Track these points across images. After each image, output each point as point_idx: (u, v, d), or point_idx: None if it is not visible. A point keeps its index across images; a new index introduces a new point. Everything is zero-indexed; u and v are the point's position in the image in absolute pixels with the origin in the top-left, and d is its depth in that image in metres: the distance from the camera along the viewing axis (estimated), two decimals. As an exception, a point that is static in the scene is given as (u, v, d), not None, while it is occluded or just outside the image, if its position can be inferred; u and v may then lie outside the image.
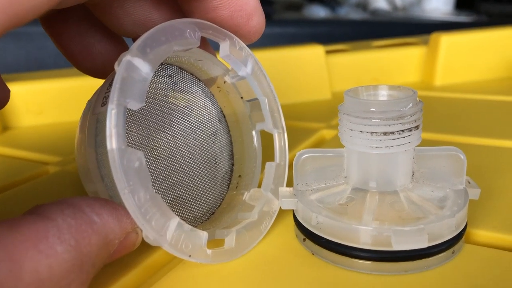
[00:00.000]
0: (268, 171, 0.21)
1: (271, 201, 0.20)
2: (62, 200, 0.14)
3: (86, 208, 0.14)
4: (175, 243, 0.16)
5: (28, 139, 0.38)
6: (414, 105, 0.18)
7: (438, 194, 0.19)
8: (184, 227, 0.16)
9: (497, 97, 0.39)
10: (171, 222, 0.16)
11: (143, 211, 0.15)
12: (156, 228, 0.15)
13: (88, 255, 0.14)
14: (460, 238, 0.18)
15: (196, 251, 0.17)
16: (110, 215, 0.15)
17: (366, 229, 0.17)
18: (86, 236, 0.14)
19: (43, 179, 0.28)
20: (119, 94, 0.15)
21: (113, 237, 0.15)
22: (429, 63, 0.45)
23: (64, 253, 0.13)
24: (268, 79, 0.21)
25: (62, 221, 0.13)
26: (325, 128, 0.34)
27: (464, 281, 0.16)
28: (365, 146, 0.18)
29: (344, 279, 0.17)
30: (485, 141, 0.30)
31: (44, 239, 0.13)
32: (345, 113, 0.18)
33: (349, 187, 0.19)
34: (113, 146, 0.14)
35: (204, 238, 0.17)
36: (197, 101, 0.21)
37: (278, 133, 0.21)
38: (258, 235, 0.19)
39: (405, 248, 0.16)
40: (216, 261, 0.17)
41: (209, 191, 0.21)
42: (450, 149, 0.19)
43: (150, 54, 0.16)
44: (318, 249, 0.18)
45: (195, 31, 0.18)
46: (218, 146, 0.22)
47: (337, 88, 0.45)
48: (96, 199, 0.15)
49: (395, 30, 0.65)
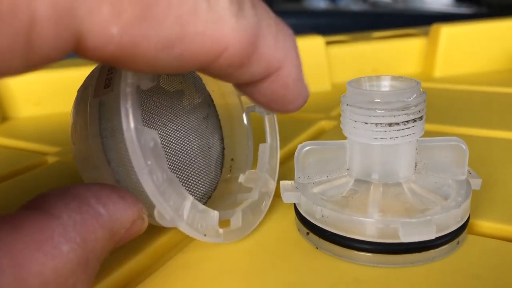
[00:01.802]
0: (262, 152, 0.21)
1: (267, 182, 0.20)
2: (66, 190, 0.14)
3: (92, 200, 0.14)
4: (191, 222, 0.16)
5: (27, 129, 0.37)
6: (418, 96, 0.17)
7: (441, 185, 0.18)
8: (199, 206, 0.16)
9: (497, 89, 0.39)
10: (186, 202, 0.16)
11: (162, 191, 0.15)
12: (174, 208, 0.15)
13: (94, 251, 0.13)
14: (464, 229, 0.18)
15: (210, 230, 0.17)
16: (116, 204, 0.14)
17: (372, 221, 0.17)
18: (92, 231, 0.13)
19: (42, 169, 0.28)
20: (132, 73, 0.14)
21: (120, 226, 0.14)
22: (429, 55, 0.45)
23: (69, 252, 0.13)
24: None
25: (67, 218, 0.13)
26: (325, 119, 0.34)
27: (469, 271, 0.16)
28: (369, 137, 0.18)
29: (349, 272, 0.17)
30: (485, 133, 0.30)
31: (49, 240, 0.12)
32: (348, 104, 0.18)
33: (352, 179, 0.19)
34: (131, 126, 0.14)
35: (216, 217, 0.17)
36: (187, 85, 0.21)
37: (268, 115, 0.21)
38: (260, 213, 0.20)
39: (413, 240, 0.16)
40: (227, 240, 0.18)
41: (205, 175, 0.21)
42: (452, 139, 0.19)
43: None
44: (322, 243, 0.18)
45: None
46: (210, 130, 0.22)
47: (337, 79, 0.44)
48: (102, 187, 0.15)
49: (395, 21, 0.64)
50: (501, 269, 0.16)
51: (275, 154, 0.21)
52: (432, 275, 0.16)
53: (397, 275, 0.16)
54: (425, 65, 0.46)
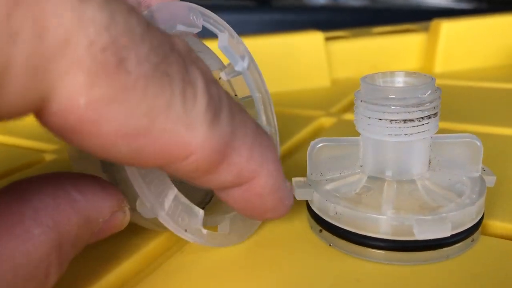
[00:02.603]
0: None
1: None
2: (43, 176, 0.14)
3: (68, 186, 0.14)
4: (172, 214, 0.15)
5: (24, 126, 0.37)
6: (433, 92, 0.17)
7: (455, 182, 0.18)
8: (182, 199, 0.16)
9: (497, 85, 0.39)
10: (170, 191, 0.15)
11: (143, 173, 0.14)
12: (155, 193, 0.15)
13: (67, 235, 0.13)
14: (479, 226, 0.17)
15: (192, 228, 0.16)
16: (94, 192, 0.14)
17: (386, 218, 0.16)
18: (65, 215, 0.13)
19: (39, 167, 0.28)
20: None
21: (97, 215, 0.14)
22: (429, 50, 0.45)
23: (41, 235, 0.12)
24: (263, 77, 0.20)
25: (38, 201, 0.13)
26: (324, 115, 0.34)
27: (483, 270, 0.16)
28: (384, 134, 0.17)
29: (363, 269, 0.17)
30: (485, 129, 0.30)
31: (20, 223, 0.12)
32: (362, 100, 0.18)
33: (365, 176, 0.19)
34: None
35: (201, 216, 0.16)
36: None
37: (270, 132, 0.21)
38: (253, 225, 0.19)
39: (428, 237, 0.16)
40: (210, 243, 0.17)
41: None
42: (466, 136, 0.19)
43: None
44: (335, 240, 0.18)
45: (199, 16, 0.17)
46: None
47: (336, 75, 0.44)
48: (82, 176, 0.14)
49: (395, 17, 0.64)
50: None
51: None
52: (446, 273, 0.16)
53: (411, 273, 0.16)
54: (425, 61, 0.46)
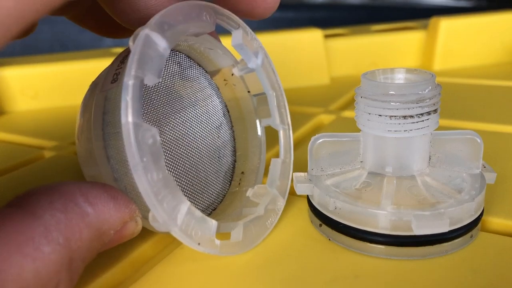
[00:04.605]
0: (274, 167, 0.20)
1: (276, 198, 0.19)
2: (54, 187, 0.13)
3: (79, 198, 0.13)
4: (185, 228, 0.15)
5: (24, 123, 0.37)
6: (433, 88, 0.17)
7: (455, 178, 0.18)
8: (195, 213, 0.16)
9: (497, 82, 0.39)
10: (182, 206, 0.15)
11: (156, 191, 0.14)
12: (168, 210, 0.14)
13: (78, 251, 0.13)
14: (478, 223, 0.18)
15: (205, 240, 0.16)
16: (106, 204, 0.14)
17: (385, 213, 0.17)
18: (77, 231, 0.13)
19: (39, 164, 0.28)
20: (137, 66, 0.14)
21: (108, 227, 0.14)
22: (428, 48, 0.45)
23: (51, 253, 0.12)
24: (277, 74, 0.20)
25: (50, 217, 0.12)
26: (323, 113, 0.34)
27: (482, 266, 0.16)
28: (383, 130, 0.17)
29: (362, 264, 0.17)
30: (484, 126, 0.30)
31: (30, 241, 0.12)
32: (362, 96, 0.18)
33: (365, 172, 0.19)
34: (129, 119, 0.13)
35: (214, 227, 0.16)
36: (203, 92, 0.21)
37: (283, 130, 0.20)
38: (264, 230, 0.19)
39: (426, 232, 0.16)
40: (223, 253, 0.17)
41: (211, 186, 0.20)
42: (466, 132, 0.19)
43: (168, 31, 0.15)
44: (335, 235, 0.18)
45: (212, 15, 0.17)
46: (221, 141, 0.21)
47: (335, 72, 0.44)
48: (93, 185, 0.14)
49: (394, 15, 0.64)
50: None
51: (288, 172, 0.20)
52: (444, 269, 0.16)
53: (410, 268, 0.16)
54: (424, 58, 0.46)
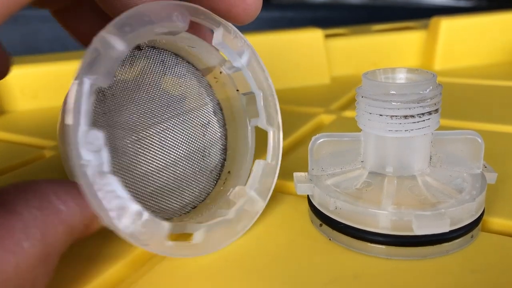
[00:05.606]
0: (256, 169, 0.19)
1: (254, 201, 0.19)
2: (27, 186, 0.14)
3: (52, 196, 0.14)
4: (133, 230, 0.15)
5: (24, 123, 0.37)
6: (434, 88, 0.17)
7: (456, 178, 0.18)
8: (143, 214, 0.15)
9: (497, 82, 0.39)
10: (129, 206, 0.15)
11: (97, 188, 0.14)
12: (111, 209, 0.14)
13: (54, 246, 0.13)
14: (479, 223, 0.18)
15: (155, 241, 0.16)
16: (75, 201, 0.14)
17: (386, 213, 0.16)
18: (52, 226, 0.13)
19: (39, 163, 0.28)
20: (85, 68, 0.14)
21: (79, 222, 0.14)
22: (429, 48, 0.45)
23: (30, 248, 0.13)
24: (267, 73, 0.20)
25: (28, 214, 0.13)
26: (324, 113, 0.34)
27: (482, 266, 0.16)
28: (384, 129, 0.17)
29: (362, 264, 0.17)
30: (485, 126, 0.30)
31: (10, 236, 0.12)
32: (363, 96, 0.18)
33: (366, 172, 0.19)
34: (69, 122, 0.13)
35: (165, 229, 0.16)
36: (191, 89, 0.20)
37: (272, 131, 0.20)
38: (233, 235, 0.18)
39: (426, 232, 0.16)
40: (176, 254, 0.16)
41: (193, 184, 0.20)
42: (467, 132, 0.19)
43: (129, 33, 0.15)
44: (335, 234, 0.18)
45: (184, 14, 0.17)
46: (208, 139, 0.21)
47: (336, 72, 0.44)
48: (62, 184, 0.14)
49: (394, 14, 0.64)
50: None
51: (272, 174, 0.20)
52: (445, 269, 0.16)
53: (410, 268, 0.16)
54: (424, 58, 0.46)
